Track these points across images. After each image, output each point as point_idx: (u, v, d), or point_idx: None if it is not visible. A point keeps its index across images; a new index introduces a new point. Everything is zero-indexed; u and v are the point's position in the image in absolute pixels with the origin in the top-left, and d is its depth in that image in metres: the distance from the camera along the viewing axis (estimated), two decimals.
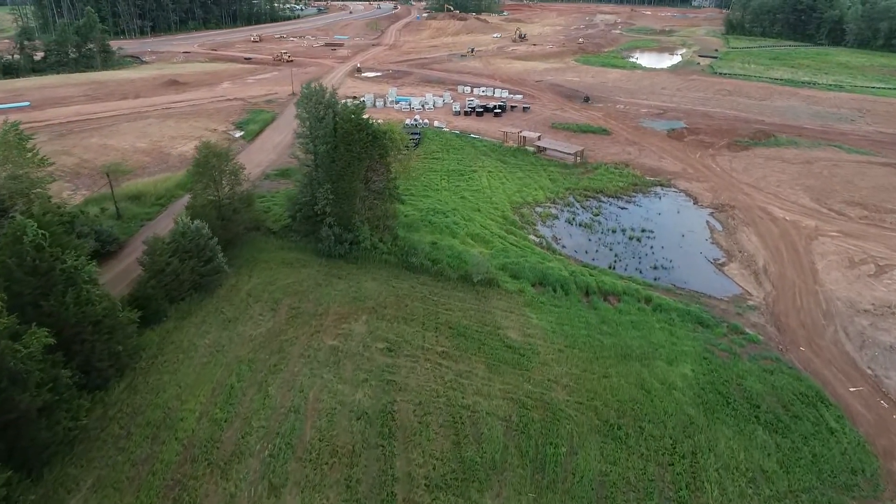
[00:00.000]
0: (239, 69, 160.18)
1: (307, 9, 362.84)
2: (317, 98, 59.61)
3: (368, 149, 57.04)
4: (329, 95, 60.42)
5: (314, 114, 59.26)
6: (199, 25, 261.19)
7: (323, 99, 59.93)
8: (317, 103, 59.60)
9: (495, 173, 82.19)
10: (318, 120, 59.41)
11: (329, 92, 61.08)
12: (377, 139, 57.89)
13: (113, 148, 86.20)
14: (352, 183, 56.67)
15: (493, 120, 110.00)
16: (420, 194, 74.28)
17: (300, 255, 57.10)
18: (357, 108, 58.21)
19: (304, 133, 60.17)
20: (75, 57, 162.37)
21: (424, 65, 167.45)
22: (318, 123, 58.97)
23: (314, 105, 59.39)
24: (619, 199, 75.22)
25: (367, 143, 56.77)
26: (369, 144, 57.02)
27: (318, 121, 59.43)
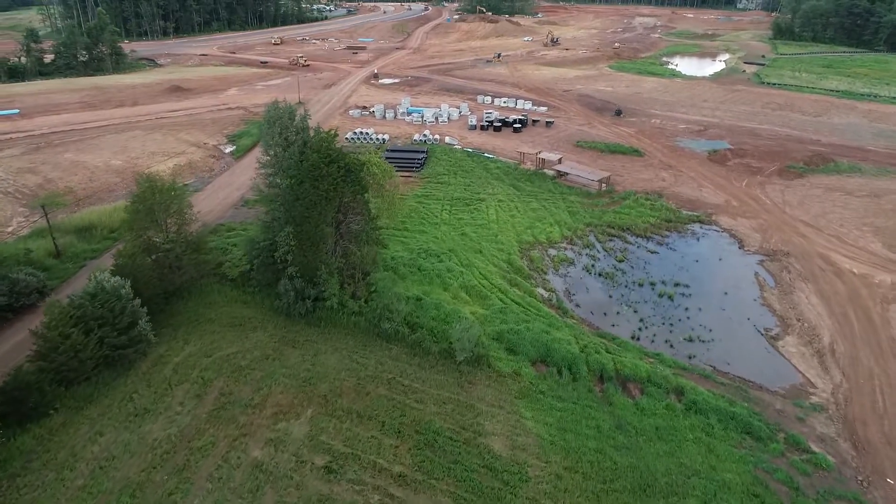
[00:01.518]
0: (250, 74, 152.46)
1: (337, 10, 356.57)
2: (284, 121, 49.88)
3: (340, 185, 46.95)
4: (300, 118, 50.66)
5: (279, 140, 49.59)
6: (224, 27, 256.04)
7: (292, 122, 50.18)
8: (284, 127, 49.88)
9: (506, 203, 71.39)
10: (283, 148, 49.77)
11: (300, 114, 51.30)
12: (351, 173, 47.80)
13: (84, 166, 78.12)
14: (318, 227, 46.64)
15: (512, 136, 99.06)
16: (415, 228, 64.03)
17: (254, 313, 47.35)
18: (327, 136, 48.22)
19: (268, 162, 50.52)
20: (85, 60, 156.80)
21: (446, 71, 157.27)
22: (284, 152, 49.30)
23: (281, 129, 49.67)
24: (648, 239, 63.71)
25: (338, 178, 46.70)
26: (341, 180, 46.94)
27: (283, 149, 49.80)
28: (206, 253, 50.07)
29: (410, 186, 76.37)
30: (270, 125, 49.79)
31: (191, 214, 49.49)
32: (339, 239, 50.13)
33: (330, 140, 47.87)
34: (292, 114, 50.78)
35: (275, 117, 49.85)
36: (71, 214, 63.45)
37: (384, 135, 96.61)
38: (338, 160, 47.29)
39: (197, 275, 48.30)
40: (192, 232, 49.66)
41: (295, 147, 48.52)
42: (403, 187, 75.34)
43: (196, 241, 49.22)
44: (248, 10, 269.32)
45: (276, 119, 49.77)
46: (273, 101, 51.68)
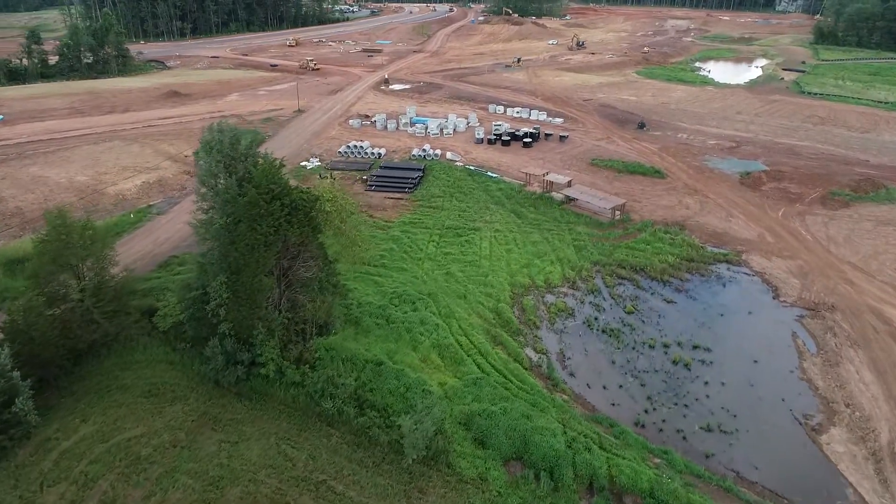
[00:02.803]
0: (255, 78, 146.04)
1: (360, 11, 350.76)
2: (225, 146, 41.98)
3: (284, 227, 38.88)
4: (245, 145, 42.68)
5: (219, 169, 41.75)
6: (242, 28, 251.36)
7: (235, 148, 42.26)
8: (224, 154, 42.00)
9: (503, 234, 62.62)
10: (225, 178, 41.94)
11: (247, 139, 43.33)
12: (299, 211, 39.69)
13: (45, 182, 71.63)
14: (255, 277, 38.65)
15: (521, 151, 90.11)
16: (394, 265, 55.70)
17: (179, 377, 39.56)
18: (270, 166, 40.16)
19: (205, 195, 42.71)
20: (90, 62, 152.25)
21: (461, 76, 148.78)
22: (222, 185, 41.47)
23: (219, 157, 41.81)
24: (665, 283, 54.35)
25: (281, 218, 38.66)
26: (285, 220, 38.88)
27: (225, 180, 41.96)
28: (126, 305, 42.20)
29: (399, 211, 68.17)
30: (208, 152, 41.92)
31: (111, 258, 41.84)
32: (286, 289, 42.07)
33: (274, 171, 39.79)
34: (236, 138, 42.83)
35: (213, 143, 41.97)
36: (7, 242, 56.63)
37: (381, 149, 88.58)
38: (282, 196, 39.22)
39: (114, 330, 40.61)
40: (113, 277, 42.00)
41: (233, 179, 40.60)
42: (391, 212, 67.32)
43: (117, 289, 41.53)
44: (268, 11, 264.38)
45: (214, 145, 41.89)
46: (211, 125, 43.77)
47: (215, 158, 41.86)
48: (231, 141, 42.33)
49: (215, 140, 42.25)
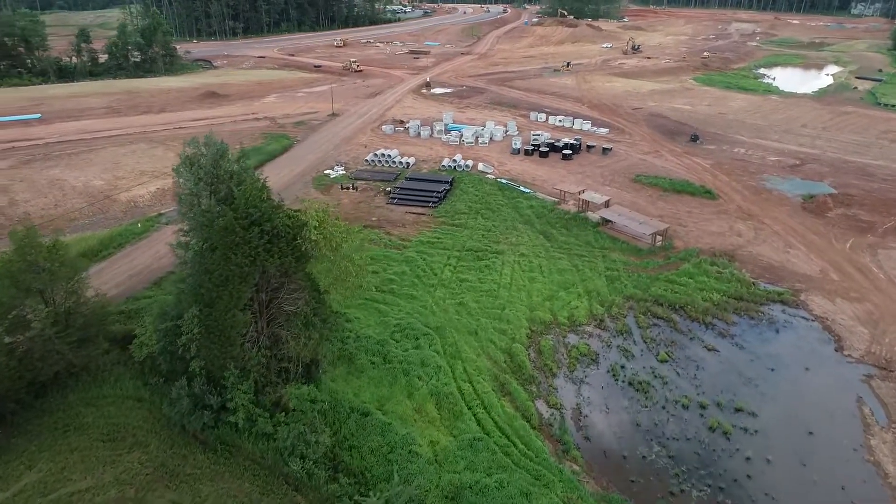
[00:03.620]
0: (296, 79, 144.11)
1: (413, 11, 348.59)
2: (207, 162, 38.02)
3: (263, 256, 34.52)
4: (229, 161, 38.62)
5: (201, 188, 37.84)
6: (293, 28, 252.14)
7: (217, 166, 38.23)
8: (206, 171, 38.04)
9: (528, 259, 56.92)
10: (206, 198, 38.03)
11: (232, 155, 39.26)
12: (280, 240, 35.26)
13: (61, 185, 70.02)
14: (228, 312, 34.40)
15: (558, 164, 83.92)
16: (403, 291, 50.85)
17: (144, 419, 35.72)
18: (251, 187, 35.87)
19: (186, 214, 38.86)
20: (137, 61, 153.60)
21: (505, 80, 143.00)
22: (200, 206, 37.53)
23: (200, 173, 37.87)
24: (707, 326, 47.66)
25: (259, 247, 34.30)
26: (264, 249, 34.50)
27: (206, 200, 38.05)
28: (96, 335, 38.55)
29: (419, 228, 63.33)
30: (188, 167, 38.01)
31: (82, 281, 38.39)
32: (268, 324, 37.73)
33: (255, 193, 35.46)
34: (220, 154, 38.80)
35: (194, 158, 38.05)
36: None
37: (410, 158, 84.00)
38: (262, 221, 34.84)
39: (80, 361, 37.09)
40: (85, 303, 38.55)
41: (212, 200, 36.56)
42: (410, 228, 62.56)
43: (87, 316, 38.04)
44: (320, 11, 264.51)
45: (195, 160, 37.95)
46: (193, 138, 39.88)
47: (196, 175, 37.93)
48: (214, 157, 38.32)
49: (197, 155, 38.33)
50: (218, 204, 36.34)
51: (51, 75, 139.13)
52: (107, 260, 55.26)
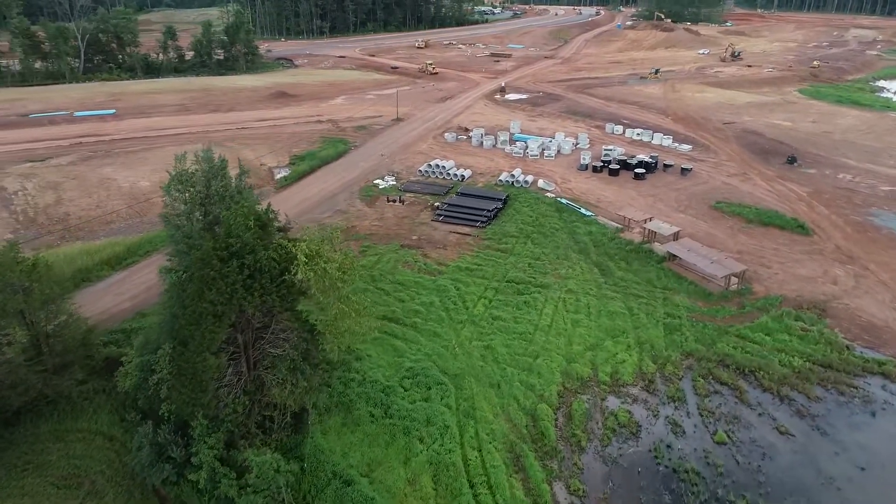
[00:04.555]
0: (370, 81, 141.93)
1: (503, 13, 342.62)
2: (198, 181, 34.20)
3: (241, 294, 30.16)
4: (225, 180, 34.62)
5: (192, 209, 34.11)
6: (379, 28, 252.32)
7: (209, 185, 34.32)
8: (197, 191, 34.23)
9: (576, 297, 50.04)
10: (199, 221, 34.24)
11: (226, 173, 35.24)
12: (264, 275, 30.77)
13: (109, 185, 69.61)
14: (200, 354, 30.28)
15: (629, 184, 75.78)
16: (426, 327, 45.48)
17: (109, 461, 32.42)
18: (236, 211, 31.54)
19: (174, 237, 35.21)
20: (220, 58, 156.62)
21: (586, 88, 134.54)
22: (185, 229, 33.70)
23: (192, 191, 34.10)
24: (783, 400, 39.28)
25: (237, 283, 29.98)
26: (242, 286, 30.14)
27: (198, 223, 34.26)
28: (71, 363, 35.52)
29: (460, 251, 57.73)
30: (179, 186, 34.25)
31: (63, 304, 35.52)
32: (253, 366, 33.38)
33: (239, 220, 31.10)
34: (215, 171, 34.85)
35: (185, 176, 34.26)
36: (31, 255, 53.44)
37: (466, 170, 78.54)
38: (243, 254, 30.45)
39: (51, 391, 34.14)
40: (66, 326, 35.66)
41: (193, 225, 32.62)
42: (450, 251, 57.13)
43: (66, 342, 35.11)
44: (407, 11, 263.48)
45: (186, 177, 34.15)
46: (184, 153, 36.12)
47: (186, 194, 34.13)
48: (207, 175, 34.36)
49: (189, 172, 34.55)
50: (203, 230, 32.32)
51: (138, 71, 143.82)
52: (129, 268, 53.34)
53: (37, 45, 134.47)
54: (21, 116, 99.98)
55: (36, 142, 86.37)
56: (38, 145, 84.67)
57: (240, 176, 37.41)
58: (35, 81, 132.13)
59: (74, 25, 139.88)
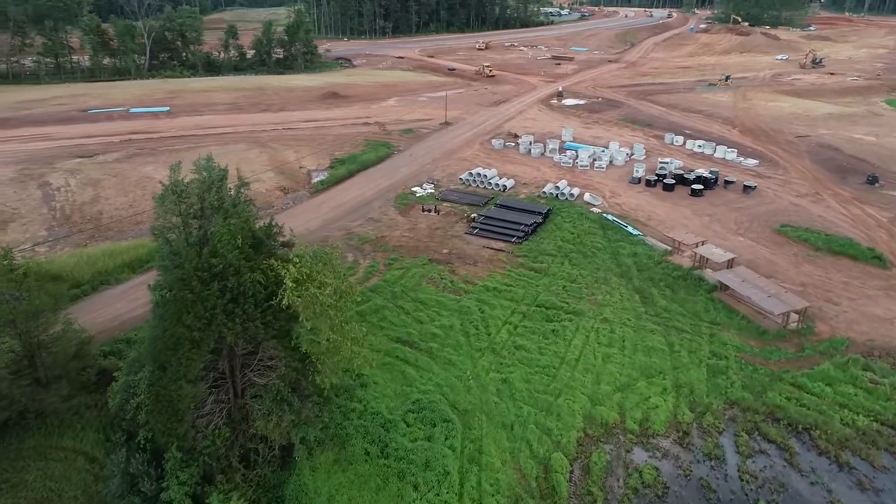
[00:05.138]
0: (425, 83, 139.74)
1: (570, 14, 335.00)
2: (191, 194, 32.15)
3: (220, 319, 27.77)
4: (215, 192, 32.43)
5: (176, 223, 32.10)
6: (442, 29, 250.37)
7: (204, 198, 32.18)
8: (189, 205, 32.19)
9: (611, 327, 45.61)
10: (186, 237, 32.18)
11: (217, 185, 32.99)
12: (248, 299, 28.27)
13: (145, 185, 69.53)
14: (175, 382, 28.07)
15: (684, 202, 70.11)
16: (442, 353, 42.22)
17: (83, 486, 30.67)
18: (223, 228, 29.15)
19: (163, 253, 33.25)
20: (279, 57, 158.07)
21: (648, 94, 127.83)
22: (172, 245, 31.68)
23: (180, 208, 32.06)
24: (841, 466, 33.85)
25: (218, 308, 27.59)
26: (223, 312, 27.73)
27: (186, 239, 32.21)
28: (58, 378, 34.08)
29: (491, 268, 54.11)
30: (172, 198, 32.23)
31: (56, 315, 34.13)
32: (238, 395, 30.98)
33: (225, 238, 28.69)
34: (209, 184, 32.67)
35: (178, 187, 32.20)
36: (55, 255, 53.42)
37: (509, 180, 74.75)
38: (226, 276, 28.03)
39: (34, 406, 32.74)
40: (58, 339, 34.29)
41: (182, 240, 30.48)
42: (481, 268, 53.66)
43: (58, 354, 33.71)
44: (471, 12, 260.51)
45: (179, 190, 32.09)
46: (176, 164, 34.07)
47: (181, 206, 32.10)
48: (202, 187, 32.21)
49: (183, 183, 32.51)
50: (190, 246, 30.14)
51: (199, 69, 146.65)
52: (150, 272, 51.83)
53: (105, 43, 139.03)
54: (81, 112, 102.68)
55: (89, 137, 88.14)
56: (91, 141, 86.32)
57: (238, 188, 35.17)
58: (102, 77, 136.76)
59: (142, 23, 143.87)
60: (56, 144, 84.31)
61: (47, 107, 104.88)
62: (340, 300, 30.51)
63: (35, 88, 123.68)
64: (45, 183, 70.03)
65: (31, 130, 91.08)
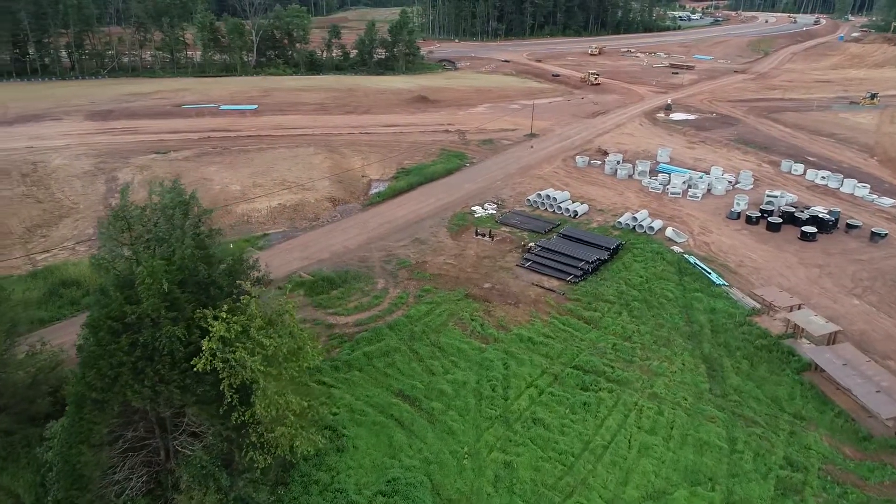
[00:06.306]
0: (520, 89, 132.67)
1: (702, 19, 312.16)
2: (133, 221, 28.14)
3: (126, 378, 23.30)
4: (164, 221, 28.17)
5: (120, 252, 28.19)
6: (558, 31, 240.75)
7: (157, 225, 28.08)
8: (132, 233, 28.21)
9: (661, 406, 37.02)
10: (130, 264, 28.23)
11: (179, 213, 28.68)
12: (164, 357, 23.60)
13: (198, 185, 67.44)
14: (76, 446, 23.98)
15: (791, 246, 58.52)
16: (445, 416, 35.87)
17: None
18: (147, 267, 24.59)
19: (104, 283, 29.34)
20: (381, 58, 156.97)
21: (773, 111, 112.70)
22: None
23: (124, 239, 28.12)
24: None
25: (125, 367, 23.14)
26: (130, 370, 23.24)
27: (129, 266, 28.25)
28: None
29: (533, 312, 46.80)
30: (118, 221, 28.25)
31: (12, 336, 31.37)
32: (169, 457, 26.51)
33: (148, 281, 24.13)
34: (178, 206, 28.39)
35: (122, 213, 28.17)
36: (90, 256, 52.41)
37: (583, 205, 66.53)
38: (140, 327, 23.53)
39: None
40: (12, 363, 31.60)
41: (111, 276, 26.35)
42: (521, 311, 46.69)
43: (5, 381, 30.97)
44: (590, 15, 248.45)
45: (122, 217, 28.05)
46: (124, 186, 30.05)
47: (127, 234, 28.12)
48: (155, 215, 28.02)
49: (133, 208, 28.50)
50: (118, 285, 25.96)
51: (301, 67, 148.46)
52: None
53: (217, 39, 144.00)
54: (175, 106, 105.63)
55: (173, 133, 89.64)
56: (173, 137, 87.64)
57: (201, 218, 30.68)
58: (211, 73, 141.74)
59: (251, 21, 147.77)
60: (140, 139, 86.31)
61: (147, 100, 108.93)
62: (288, 363, 25.08)
63: (147, 81, 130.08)
64: (112, 178, 71.02)
65: (124, 123, 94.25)
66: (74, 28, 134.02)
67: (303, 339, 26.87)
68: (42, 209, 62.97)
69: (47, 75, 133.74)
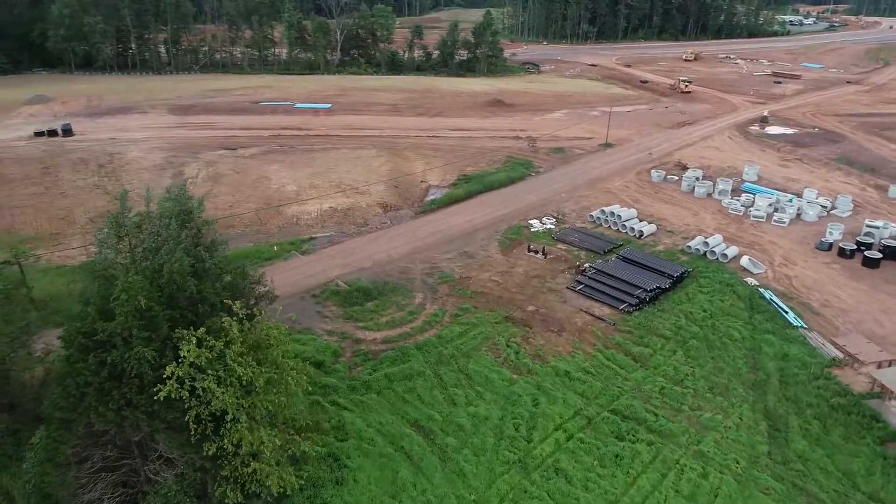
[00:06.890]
0: (602, 95, 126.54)
1: (815, 24, 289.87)
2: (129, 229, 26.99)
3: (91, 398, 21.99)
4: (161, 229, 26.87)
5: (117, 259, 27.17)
6: (653, 35, 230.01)
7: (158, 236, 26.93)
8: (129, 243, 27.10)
9: (706, 468, 32.32)
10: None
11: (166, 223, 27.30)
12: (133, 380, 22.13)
13: (258, 185, 68.96)
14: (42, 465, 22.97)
15: (888, 287, 51.05)
16: (458, 456, 32.90)
17: None
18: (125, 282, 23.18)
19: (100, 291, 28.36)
20: (463, 59, 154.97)
21: (886, 127, 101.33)
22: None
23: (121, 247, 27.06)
24: None
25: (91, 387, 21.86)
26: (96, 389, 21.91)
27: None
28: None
29: (576, 344, 42.86)
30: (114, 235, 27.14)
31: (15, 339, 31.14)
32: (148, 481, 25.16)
33: (122, 297, 22.72)
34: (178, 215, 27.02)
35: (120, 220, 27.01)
36: None
37: (650, 224, 61.39)
38: (108, 346, 22.16)
39: None
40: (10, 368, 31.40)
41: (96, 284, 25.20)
42: (563, 340, 43.05)
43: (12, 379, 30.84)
44: (690, 19, 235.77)
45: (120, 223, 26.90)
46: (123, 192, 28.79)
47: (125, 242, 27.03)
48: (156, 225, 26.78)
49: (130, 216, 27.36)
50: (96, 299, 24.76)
51: (382, 67, 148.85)
52: None
53: (303, 38, 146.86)
54: (253, 103, 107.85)
55: (245, 129, 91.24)
56: (244, 133, 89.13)
57: (198, 228, 29.11)
58: (295, 70, 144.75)
59: (336, 20, 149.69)
60: (214, 134, 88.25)
61: (228, 96, 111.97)
62: (259, 398, 22.99)
63: (234, 77, 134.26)
64: (179, 172, 72.54)
65: (202, 118, 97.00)
66: (172, 25, 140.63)
67: (285, 369, 24.69)
68: (108, 200, 64.84)
69: (146, 70, 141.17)
